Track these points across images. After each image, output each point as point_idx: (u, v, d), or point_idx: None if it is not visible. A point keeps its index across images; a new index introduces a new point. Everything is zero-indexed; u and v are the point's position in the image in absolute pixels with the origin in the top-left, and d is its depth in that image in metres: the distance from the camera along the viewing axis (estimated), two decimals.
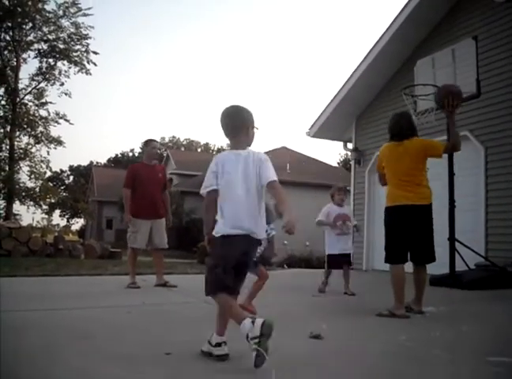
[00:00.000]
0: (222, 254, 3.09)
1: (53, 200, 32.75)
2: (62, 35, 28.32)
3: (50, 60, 28.66)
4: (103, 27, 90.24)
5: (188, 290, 6.67)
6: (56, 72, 28.75)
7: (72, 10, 27.78)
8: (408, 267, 5.01)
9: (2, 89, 27.82)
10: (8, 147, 27.67)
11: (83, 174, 55.02)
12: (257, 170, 3.20)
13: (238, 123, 3.30)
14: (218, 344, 3.10)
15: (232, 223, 3.10)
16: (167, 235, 7.10)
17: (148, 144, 7.27)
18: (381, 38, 10.73)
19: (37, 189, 29.41)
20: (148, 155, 7.21)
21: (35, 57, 28.53)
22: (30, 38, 28.25)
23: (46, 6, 27.44)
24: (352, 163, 12.76)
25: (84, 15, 27.99)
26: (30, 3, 26.49)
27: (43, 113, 28.71)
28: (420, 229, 5.01)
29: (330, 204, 6.98)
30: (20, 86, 28.22)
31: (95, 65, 28.90)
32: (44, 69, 28.57)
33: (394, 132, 5.15)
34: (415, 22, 10.11)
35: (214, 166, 3.25)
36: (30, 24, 27.64)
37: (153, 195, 6.96)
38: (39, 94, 28.63)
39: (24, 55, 28.53)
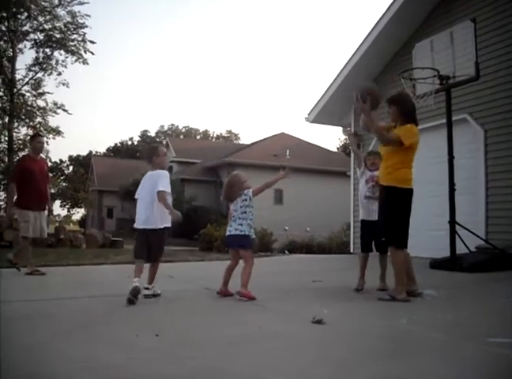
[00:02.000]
0: (137, 239, 5.10)
1: (53, 191, 32.71)
2: (58, 24, 28.01)
3: (47, 50, 28.40)
4: (100, 15, 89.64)
5: (189, 278, 6.70)
6: (53, 62, 28.47)
7: None
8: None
9: None
10: (7, 138, 27.55)
11: (82, 163, 54.92)
12: (156, 183, 4.94)
13: (146, 155, 5.34)
14: (146, 288, 4.87)
15: (138, 221, 5.02)
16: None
17: (34, 138, 7.57)
18: (379, 21, 10.65)
19: None
20: (35, 150, 7.44)
21: (32, 47, 28.25)
22: (26, 28, 27.95)
23: None
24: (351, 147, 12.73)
25: (80, 3, 27.63)
26: None
27: (40, 103, 28.51)
28: None
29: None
30: (18, 77, 28.00)
31: (92, 54, 28.66)
32: (41, 59, 28.31)
33: (415, 116, 5.09)
34: (413, 5, 10.03)
35: (141, 182, 5.20)
36: (25, 14, 27.32)
37: (40, 188, 7.22)
38: (37, 84, 28.41)
39: (21, 45, 28.24)
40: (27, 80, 28.17)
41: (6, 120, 27.45)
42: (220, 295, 5.02)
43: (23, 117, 27.92)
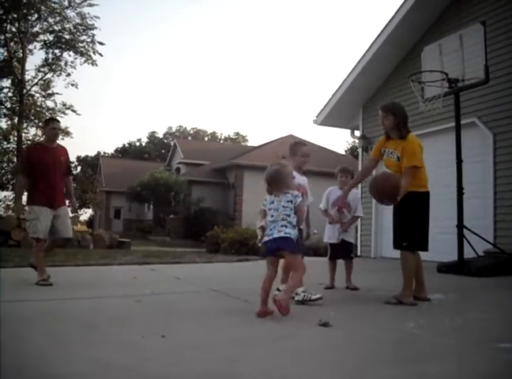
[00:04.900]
0: None
1: None
2: (67, 25, 28.25)
3: (56, 51, 28.62)
4: (109, 16, 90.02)
5: (197, 280, 6.70)
6: (62, 63, 28.71)
7: (77, 0, 27.71)
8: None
9: (9, 81, 27.90)
10: (16, 138, 27.80)
11: (90, 164, 55.15)
12: None
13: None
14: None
15: None
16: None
17: (48, 123, 6.43)
18: (388, 24, 10.63)
19: None
20: (49, 136, 6.31)
21: (41, 48, 28.48)
22: (36, 29, 28.22)
23: None
24: (360, 150, 12.71)
25: (90, 5, 27.83)
26: None
27: (49, 104, 28.77)
28: None
29: (333, 187, 6.48)
30: (27, 77, 28.26)
31: (101, 55, 28.86)
32: (50, 60, 28.53)
33: (407, 125, 5.09)
34: (422, 7, 10.00)
35: None
36: (35, 15, 27.55)
37: (54, 180, 6.20)
38: (46, 85, 28.65)
39: (30, 46, 28.51)
40: (36, 80, 28.48)
41: (16, 120, 27.72)
42: (260, 316, 4.07)
43: (32, 117, 28.18)
